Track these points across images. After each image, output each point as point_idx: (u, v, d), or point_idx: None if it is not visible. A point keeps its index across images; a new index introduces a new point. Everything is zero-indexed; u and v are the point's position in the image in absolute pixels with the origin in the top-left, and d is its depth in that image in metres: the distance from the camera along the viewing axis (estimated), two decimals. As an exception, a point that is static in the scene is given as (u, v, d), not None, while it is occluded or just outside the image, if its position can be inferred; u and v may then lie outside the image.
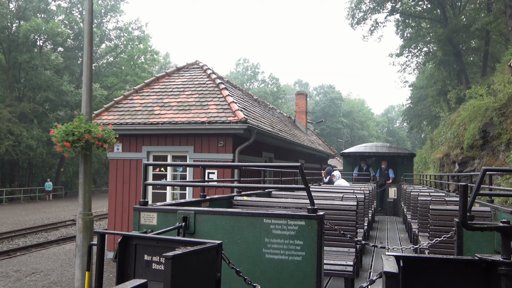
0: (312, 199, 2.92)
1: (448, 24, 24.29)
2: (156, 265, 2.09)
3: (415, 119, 38.52)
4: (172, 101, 11.86)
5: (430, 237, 4.74)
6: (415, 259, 1.78)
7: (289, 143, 14.98)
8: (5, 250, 12.83)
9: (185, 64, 14.28)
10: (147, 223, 3.27)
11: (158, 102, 11.92)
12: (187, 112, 11.25)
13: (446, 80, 26.85)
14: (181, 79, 13.19)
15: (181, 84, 12.78)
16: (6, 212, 23.58)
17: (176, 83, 12.89)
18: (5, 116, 28.61)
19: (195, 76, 13.27)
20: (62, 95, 32.51)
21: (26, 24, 29.80)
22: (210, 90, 12.10)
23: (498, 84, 12.69)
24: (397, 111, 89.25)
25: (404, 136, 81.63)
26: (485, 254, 1.81)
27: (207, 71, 13.38)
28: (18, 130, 29.21)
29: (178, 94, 12.21)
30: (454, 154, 15.64)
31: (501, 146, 11.52)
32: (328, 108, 74.05)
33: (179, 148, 11.36)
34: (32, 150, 30.47)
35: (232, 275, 2.41)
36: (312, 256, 2.76)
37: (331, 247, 4.67)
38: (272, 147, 14.21)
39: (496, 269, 1.71)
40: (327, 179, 12.23)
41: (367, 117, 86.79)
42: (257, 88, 71.42)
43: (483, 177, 2.96)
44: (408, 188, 10.49)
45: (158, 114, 11.35)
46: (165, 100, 11.98)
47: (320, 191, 7.41)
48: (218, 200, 4.78)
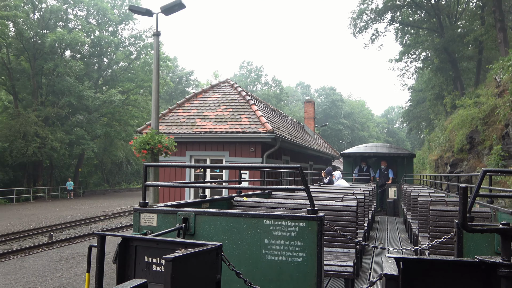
0: (312, 200, 2.92)
1: (444, 33, 25.53)
2: (156, 266, 2.09)
3: (414, 120, 39.65)
4: (210, 114, 14.58)
5: (430, 238, 4.74)
6: (415, 261, 1.78)
7: (302, 147, 17.48)
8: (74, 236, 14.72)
9: (217, 82, 17.60)
10: (147, 224, 3.27)
11: (199, 115, 14.65)
12: (224, 123, 13.87)
13: (443, 86, 28.26)
14: (216, 96, 15.98)
15: (216, 100, 15.52)
16: (40, 209, 25.09)
17: (212, 99, 15.67)
18: (32, 120, 30.59)
19: (227, 93, 16.05)
20: (82, 99, 34.55)
21: (52, 35, 31.92)
22: (242, 105, 14.82)
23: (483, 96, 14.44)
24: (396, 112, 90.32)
25: (404, 136, 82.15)
26: (485, 255, 1.81)
27: (238, 89, 16.24)
28: (44, 133, 31.08)
29: (215, 108, 14.93)
30: (446, 156, 17.41)
31: (484, 150, 13.16)
32: (330, 110, 75.75)
33: (217, 153, 13.77)
34: (56, 151, 32.48)
35: (232, 277, 2.41)
36: (312, 257, 2.76)
37: (331, 247, 4.67)
38: (289, 151, 16.33)
39: (496, 271, 1.71)
40: (327, 179, 12.24)
41: (367, 118, 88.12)
42: (261, 90, 73.19)
43: (483, 178, 2.96)
44: (408, 188, 10.49)
45: (200, 125, 14.01)
46: (205, 113, 14.71)
47: (320, 192, 7.41)
48: (218, 201, 4.78)
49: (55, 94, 34.66)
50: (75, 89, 33.59)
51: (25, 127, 30.09)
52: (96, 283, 2.28)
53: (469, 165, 14.16)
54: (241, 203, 5.05)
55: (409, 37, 30.19)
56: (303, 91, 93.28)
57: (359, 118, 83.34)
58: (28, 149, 29.77)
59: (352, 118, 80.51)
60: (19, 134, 29.98)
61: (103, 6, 38.37)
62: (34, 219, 19.76)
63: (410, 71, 32.90)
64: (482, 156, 13.36)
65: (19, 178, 32.89)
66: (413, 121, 39.78)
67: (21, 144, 29.72)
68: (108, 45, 38.43)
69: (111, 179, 49.48)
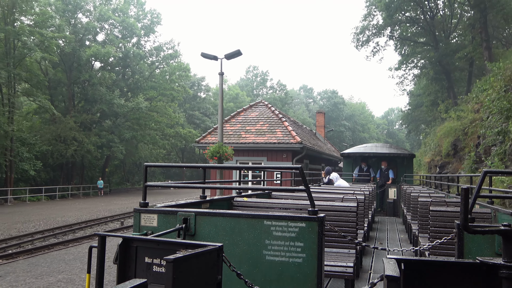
0: (313, 200, 2.92)
1: (438, 47, 28.31)
2: (156, 267, 2.08)
3: (413, 123, 41.34)
4: (251, 129, 19.07)
5: (430, 239, 4.74)
6: (416, 262, 1.78)
7: (318, 152, 21.63)
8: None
9: (254, 102, 22.91)
10: (148, 224, 3.27)
11: (243, 129, 19.13)
12: (263, 136, 18.30)
13: (438, 93, 31.13)
14: (254, 113, 20.64)
15: (255, 117, 20.16)
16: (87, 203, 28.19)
17: (252, 116, 20.30)
18: (71, 125, 34.19)
19: (263, 111, 20.77)
20: (112, 106, 38.53)
21: (89, 50, 36.12)
22: (275, 121, 19.40)
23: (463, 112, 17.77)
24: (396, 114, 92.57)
25: (403, 137, 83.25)
26: (485, 256, 1.81)
27: (271, 108, 21.24)
28: (80, 137, 34.74)
29: (254, 124, 19.53)
30: (436, 159, 20.36)
31: (465, 155, 15.80)
32: (332, 112, 78.57)
33: (257, 158, 17.88)
34: (90, 153, 36.30)
35: (233, 278, 2.41)
36: (313, 258, 2.76)
37: (331, 248, 4.66)
38: (309, 156, 19.81)
39: (497, 272, 1.71)
40: (327, 179, 12.23)
41: (368, 120, 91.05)
42: (266, 94, 78.49)
43: (484, 179, 2.96)
44: (408, 189, 10.48)
45: (244, 137, 18.38)
46: (247, 127, 19.20)
47: (320, 192, 7.39)
48: (218, 201, 4.77)
49: (88, 101, 38.67)
50: (106, 97, 37.42)
51: (64, 132, 33.50)
52: (97, 284, 2.27)
53: (453, 167, 17.18)
54: (241, 204, 5.04)
55: (406, 49, 33.27)
56: (306, 94, 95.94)
57: (360, 120, 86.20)
58: (67, 151, 33.35)
59: (353, 120, 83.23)
60: (59, 138, 33.72)
61: (130, 22, 42.21)
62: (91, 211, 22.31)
63: (408, 78, 36.16)
64: (463, 160, 16.00)
65: (57, 178, 36.82)
66: (412, 123, 41.67)
67: (61, 147, 33.44)
68: (134, 57, 41.93)
69: (131, 178, 53.51)
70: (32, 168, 29.88)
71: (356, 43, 32.19)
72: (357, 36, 31.71)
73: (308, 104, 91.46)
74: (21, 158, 29.26)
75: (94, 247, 2.47)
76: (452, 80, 29.27)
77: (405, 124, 46.48)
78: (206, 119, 60.36)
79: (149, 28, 44.71)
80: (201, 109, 61.38)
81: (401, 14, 29.46)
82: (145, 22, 44.69)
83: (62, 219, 18.88)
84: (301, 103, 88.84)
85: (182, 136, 48.15)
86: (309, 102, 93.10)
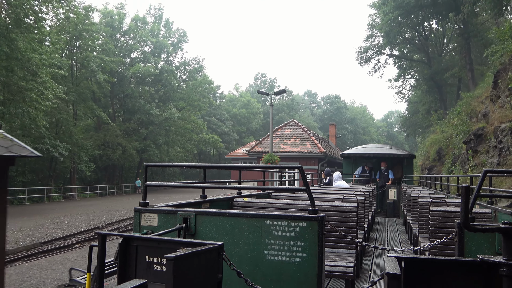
0: (313, 200, 2.92)
1: (431, 64, 32.99)
2: (157, 266, 2.08)
3: (411, 127, 44.92)
4: (288, 141, 26.88)
5: (430, 239, 4.73)
6: (416, 260, 1.78)
7: (334, 158, 27.95)
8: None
9: (288, 121, 30.98)
10: (148, 224, 3.27)
11: (281, 142, 26.95)
12: (296, 147, 26.14)
13: (431, 104, 35.44)
14: (289, 130, 28.55)
15: (289, 133, 28.00)
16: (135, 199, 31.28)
17: (287, 132, 28.23)
18: (117, 133, 39.98)
19: (295, 129, 28.70)
20: (150, 116, 44.37)
21: (133, 68, 43.39)
22: (305, 136, 27.32)
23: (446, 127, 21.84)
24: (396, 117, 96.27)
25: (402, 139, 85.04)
26: (486, 255, 1.81)
27: (301, 126, 29.25)
28: (124, 142, 40.44)
29: (289, 138, 27.42)
30: (426, 163, 24.79)
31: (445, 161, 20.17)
32: (335, 116, 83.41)
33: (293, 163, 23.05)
34: (132, 157, 42.36)
35: (233, 277, 2.41)
36: (313, 258, 2.75)
37: (331, 248, 4.66)
38: (328, 161, 26.22)
39: (498, 271, 1.71)
40: (327, 180, 12.23)
41: (368, 123, 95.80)
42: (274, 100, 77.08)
43: (484, 178, 2.96)
44: (408, 189, 10.48)
45: (283, 148, 26.10)
46: (284, 141, 26.99)
47: (320, 192, 7.39)
48: (219, 201, 4.77)
49: (128, 112, 45.53)
50: (145, 108, 43.70)
51: (112, 138, 39.25)
52: (97, 283, 2.27)
53: (437, 170, 21.23)
54: (241, 203, 5.03)
55: (404, 63, 38.55)
56: (310, 99, 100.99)
57: (361, 123, 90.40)
58: (114, 155, 39.40)
59: (355, 123, 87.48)
60: (107, 144, 39.60)
61: (162, 41, 48.84)
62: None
63: (406, 88, 41.64)
64: (446, 164, 19.53)
65: (102, 178, 43.04)
66: (410, 128, 45.15)
67: (109, 151, 39.39)
68: (165, 72, 48.18)
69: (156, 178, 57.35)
70: (88, 170, 34.86)
71: (360, 61, 37.47)
72: (360, 54, 37.07)
73: (312, 109, 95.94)
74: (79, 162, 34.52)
75: (95, 246, 2.47)
76: (444, 93, 33.99)
77: (403, 128, 50.01)
78: (222, 124, 63.95)
79: (176, 45, 52.18)
80: (217, 115, 64.96)
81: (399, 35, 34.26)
82: (173, 40, 52.07)
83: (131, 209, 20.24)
84: (305, 107, 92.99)
85: (205, 141, 55.02)
86: (313, 107, 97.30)
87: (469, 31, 26.66)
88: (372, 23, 35.29)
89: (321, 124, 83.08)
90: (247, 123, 70.07)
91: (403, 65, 38.38)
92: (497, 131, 12.52)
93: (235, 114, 68.45)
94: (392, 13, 30.02)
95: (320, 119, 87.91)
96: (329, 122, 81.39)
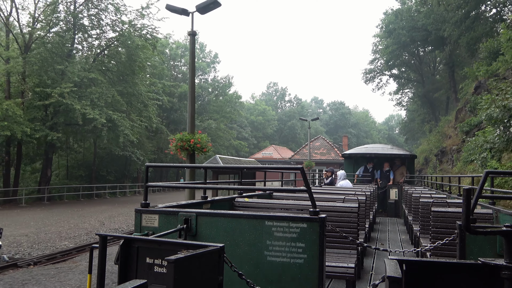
0: (314, 201, 2.91)
1: (425, 84, 42.07)
2: (158, 268, 2.08)
3: (410, 132, 52.48)
4: (317, 151, 41.18)
5: (431, 239, 4.72)
6: (418, 263, 1.78)
7: None
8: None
9: (316, 137, 45.35)
10: (149, 225, 3.26)
11: (313, 151, 39.90)
12: (326, 155, 40.74)
13: (425, 115, 44.14)
14: (318, 143, 42.73)
15: (319, 145, 42.23)
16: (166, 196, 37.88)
17: (317, 145, 42.35)
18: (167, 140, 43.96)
19: (321, 142, 43.01)
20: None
21: (180, 89, 52.04)
22: (330, 147, 41.95)
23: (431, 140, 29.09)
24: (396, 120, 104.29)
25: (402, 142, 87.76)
26: (487, 257, 1.80)
27: (326, 140, 44.20)
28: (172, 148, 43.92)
29: (319, 148, 41.75)
30: (418, 166, 29.58)
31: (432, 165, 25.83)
32: (340, 121, 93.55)
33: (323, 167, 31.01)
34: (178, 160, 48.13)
35: (234, 278, 2.41)
36: (314, 259, 2.75)
37: (332, 248, 4.65)
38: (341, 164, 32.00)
39: (499, 273, 1.70)
40: (329, 180, 12.21)
41: (370, 127, 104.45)
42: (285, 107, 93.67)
43: (485, 179, 2.95)
44: (410, 189, 10.46)
45: (314, 156, 39.03)
46: (315, 150, 41.01)
47: (321, 192, 7.38)
48: (220, 201, 4.77)
49: (174, 122, 53.98)
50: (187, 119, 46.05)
51: (165, 144, 44.27)
52: (98, 284, 2.27)
53: (424, 171, 27.46)
54: (242, 204, 5.03)
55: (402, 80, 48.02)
56: (317, 105, 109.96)
57: (363, 127, 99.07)
58: (165, 158, 46.74)
59: (358, 128, 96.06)
60: (160, 149, 46.75)
61: (201, 64, 59.61)
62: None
63: (404, 100, 51.90)
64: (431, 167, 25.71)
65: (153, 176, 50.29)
66: (409, 133, 52.56)
67: (162, 155, 47.14)
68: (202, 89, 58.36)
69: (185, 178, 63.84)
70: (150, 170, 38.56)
71: (365, 80, 47.78)
72: (366, 75, 47.21)
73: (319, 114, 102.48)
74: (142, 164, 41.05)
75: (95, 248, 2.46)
76: (435, 107, 42.51)
77: (403, 132, 57.81)
78: (242, 130, 71.04)
79: (210, 65, 63.14)
80: (237, 122, 70.88)
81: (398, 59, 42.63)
82: (207, 61, 63.09)
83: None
84: (313, 113, 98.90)
85: (234, 147, 62.90)
86: (319, 113, 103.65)
87: (453, 60, 33.93)
88: (375, 49, 44.92)
89: (327, 128, 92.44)
90: (263, 128, 78.40)
91: (401, 82, 48.02)
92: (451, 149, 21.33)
93: (253, 121, 76.29)
94: (391, 47, 39.06)
95: (327, 124, 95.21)
96: (334, 127, 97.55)
